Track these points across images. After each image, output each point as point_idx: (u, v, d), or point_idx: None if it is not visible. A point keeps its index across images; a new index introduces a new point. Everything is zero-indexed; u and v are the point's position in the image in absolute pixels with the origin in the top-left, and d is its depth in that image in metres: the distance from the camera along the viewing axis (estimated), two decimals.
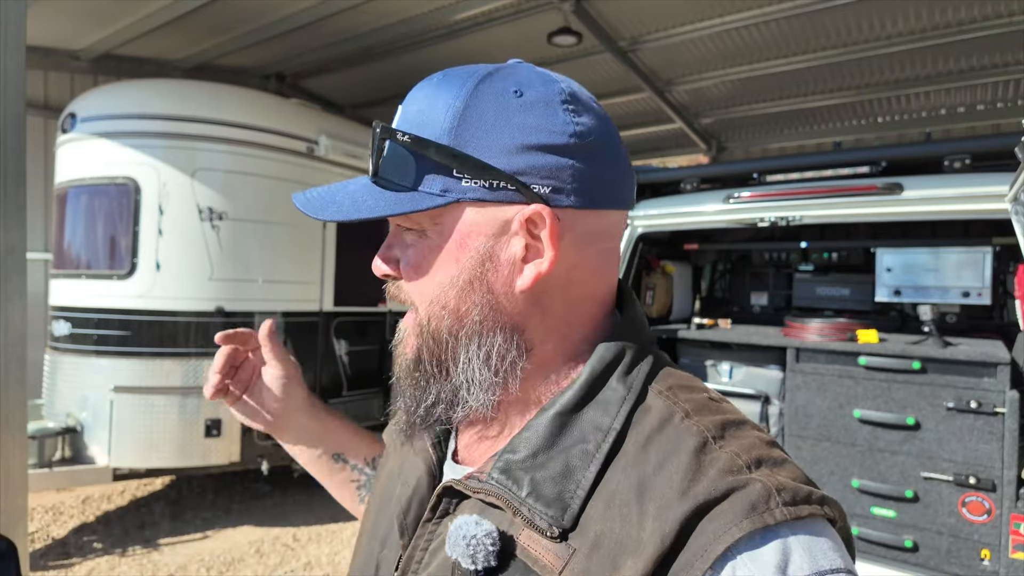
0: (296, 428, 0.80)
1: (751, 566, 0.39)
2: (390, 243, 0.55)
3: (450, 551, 0.47)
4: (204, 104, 4.24)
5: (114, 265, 4.16)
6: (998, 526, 2.16)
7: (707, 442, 0.45)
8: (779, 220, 2.74)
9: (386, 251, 0.55)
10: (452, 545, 0.47)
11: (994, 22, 4.12)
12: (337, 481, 0.83)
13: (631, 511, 0.43)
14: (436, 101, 0.51)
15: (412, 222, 0.52)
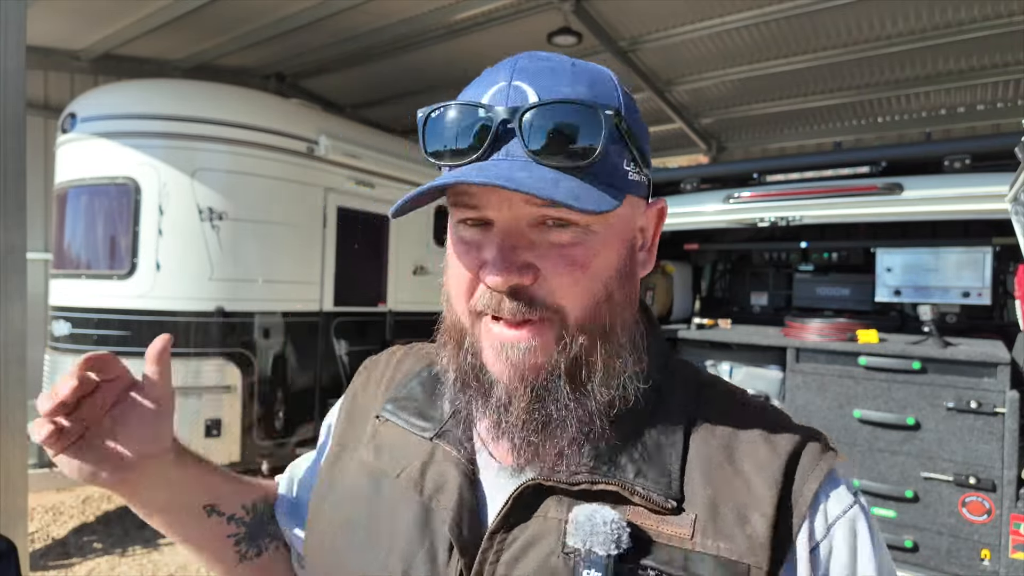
0: (155, 481, 0.60)
1: (834, 492, 0.52)
2: (512, 250, 0.48)
3: (581, 542, 0.47)
4: (204, 104, 4.24)
5: (114, 265, 4.16)
6: (998, 526, 2.16)
7: (765, 408, 0.57)
8: (779, 220, 2.74)
9: (509, 260, 0.47)
10: (586, 535, 0.47)
11: (994, 22, 4.12)
12: (208, 538, 0.66)
13: (728, 473, 0.50)
14: (600, 84, 0.50)
15: (582, 216, 0.47)
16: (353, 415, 0.70)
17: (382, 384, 0.69)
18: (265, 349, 4.38)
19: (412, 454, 0.58)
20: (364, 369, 0.74)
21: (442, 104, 0.50)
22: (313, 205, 4.65)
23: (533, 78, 0.48)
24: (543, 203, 0.46)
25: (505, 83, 0.49)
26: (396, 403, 0.64)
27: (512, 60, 0.51)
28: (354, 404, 0.71)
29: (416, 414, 0.61)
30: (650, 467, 0.50)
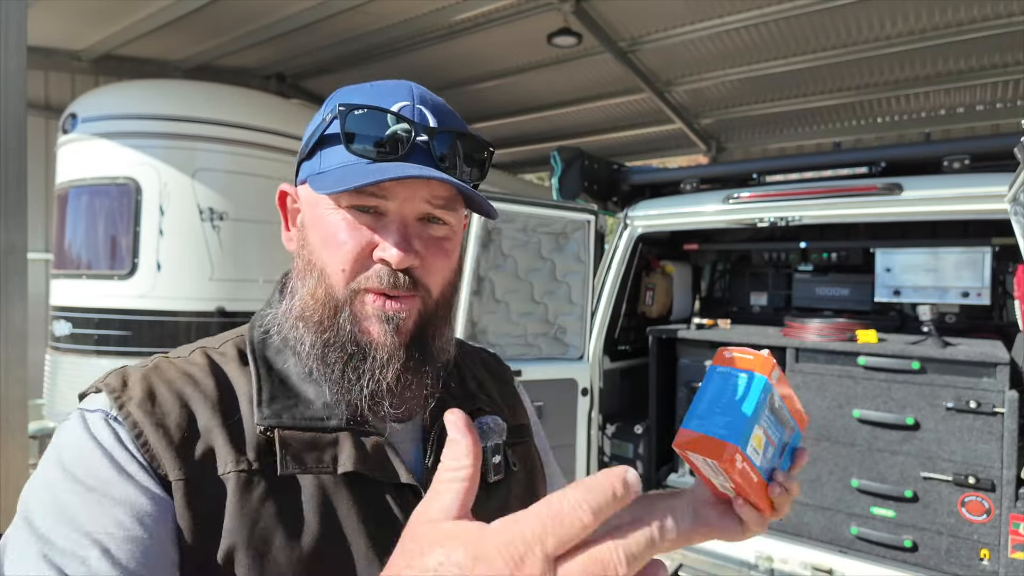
0: None
1: None
2: (409, 237, 0.59)
3: (484, 442, 0.67)
4: (205, 104, 4.25)
5: (115, 265, 4.17)
6: (997, 526, 2.17)
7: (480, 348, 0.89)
8: (779, 220, 2.75)
9: (409, 244, 0.58)
10: (486, 437, 0.68)
11: (994, 22, 4.13)
12: None
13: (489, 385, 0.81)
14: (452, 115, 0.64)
15: (455, 216, 0.62)
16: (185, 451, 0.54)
17: (203, 407, 0.57)
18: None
19: (327, 446, 0.58)
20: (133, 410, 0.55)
21: (369, 105, 0.59)
22: None
23: (431, 108, 0.61)
24: (434, 201, 0.59)
25: (410, 103, 0.60)
26: (275, 410, 0.58)
27: (407, 84, 0.62)
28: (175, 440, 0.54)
29: (305, 412, 0.59)
30: (481, 388, 0.76)
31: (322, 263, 0.60)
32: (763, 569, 2.56)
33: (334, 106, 0.59)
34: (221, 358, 0.63)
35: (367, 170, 0.56)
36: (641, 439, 3.08)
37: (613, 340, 3.28)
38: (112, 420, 0.55)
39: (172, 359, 0.62)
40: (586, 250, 2.97)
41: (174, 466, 0.53)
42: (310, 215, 0.62)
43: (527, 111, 6.43)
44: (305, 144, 0.62)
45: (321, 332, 0.60)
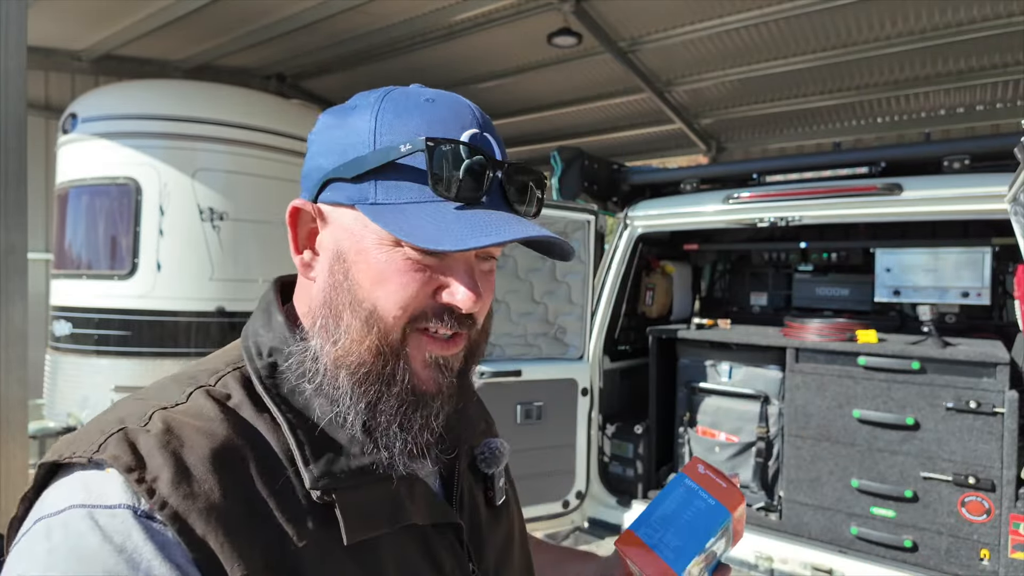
0: None
1: None
2: (476, 279, 0.54)
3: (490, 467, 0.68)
4: (205, 105, 4.25)
5: (115, 265, 4.17)
6: (997, 526, 2.17)
7: None
8: (778, 220, 2.75)
9: (477, 288, 0.54)
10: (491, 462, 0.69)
11: (993, 23, 4.13)
12: None
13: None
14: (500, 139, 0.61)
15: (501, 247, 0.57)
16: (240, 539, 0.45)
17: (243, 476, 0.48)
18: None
19: (382, 500, 0.54)
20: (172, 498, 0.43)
21: (453, 140, 0.52)
22: None
23: (492, 134, 0.57)
24: None
25: (478, 131, 0.54)
26: (322, 469, 0.51)
27: (466, 105, 0.57)
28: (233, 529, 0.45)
29: (350, 463, 0.53)
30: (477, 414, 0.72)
31: (373, 303, 0.52)
32: (763, 569, 2.56)
33: (410, 133, 0.52)
34: (230, 402, 0.53)
35: (469, 222, 0.50)
36: (641, 439, 3.08)
37: (613, 340, 3.28)
38: (143, 517, 0.42)
39: (175, 411, 0.50)
40: (586, 250, 2.97)
41: (234, 562, 0.43)
42: (353, 247, 0.53)
43: (527, 111, 6.43)
44: (349, 164, 0.52)
45: (371, 383, 0.52)
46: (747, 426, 2.87)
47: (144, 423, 0.47)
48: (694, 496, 0.70)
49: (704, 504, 0.69)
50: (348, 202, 0.53)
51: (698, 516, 0.68)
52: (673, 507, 0.69)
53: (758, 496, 2.82)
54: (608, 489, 3.08)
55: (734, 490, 0.70)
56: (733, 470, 2.91)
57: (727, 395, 2.97)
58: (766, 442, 2.81)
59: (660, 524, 0.68)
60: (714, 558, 0.71)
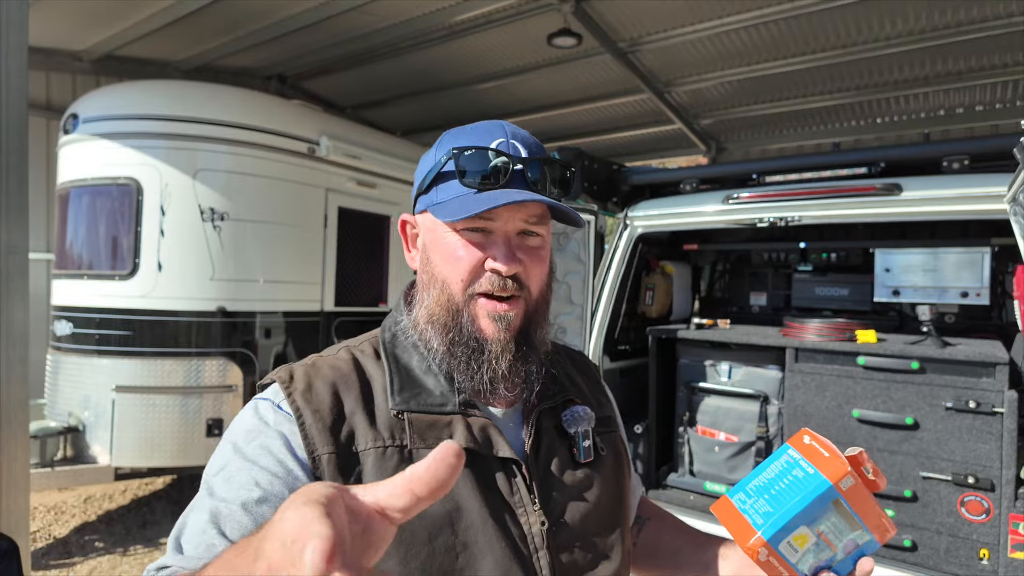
0: None
1: None
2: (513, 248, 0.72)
3: (574, 428, 0.80)
4: (206, 105, 4.26)
5: (116, 265, 4.17)
6: (997, 526, 2.17)
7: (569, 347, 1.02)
8: (778, 221, 2.75)
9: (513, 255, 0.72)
10: (575, 423, 0.80)
11: (993, 23, 4.13)
12: None
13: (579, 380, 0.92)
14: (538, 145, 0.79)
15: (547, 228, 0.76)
16: (334, 431, 0.69)
17: (349, 395, 0.72)
18: (267, 349, 4.39)
19: (445, 427, 0.72)
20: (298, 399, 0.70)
21: (475, 146, 0.73)
22: (314, 205, 4.66)
23: (521, 141, 0.75)
24: (530, 219, 0.73)
25: (505, 139, 0.74)
26: (404, 397, 0.73)
27: (500, 124, 0.77)
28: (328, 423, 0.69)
29: (427, 399, 0.73)
30: (571, 382, 0.87)
31: (443, 275, 0.74)
32: None
33: (447, 149, 0.73)
34: (361, 355, 0.77)
35: (478, 199, 0.70)
36: (641, 439, 3.08)
37: (613, 340, 3.29)
38: (277, 408, 0.70)
39: (324, 356, 0.77)
40: (586, 250, 2.97)
41: (325, 443, 0.67)
42: (430, 238, 0.76)
43: (527, 111, 6.44)
44: (422, 182, 0.76)
45: (447, 332, 0.73)
46: (747, 426, 2.88)
47: (304, 363, 0.75)
48: (793, 465, 0.68)
49: (800, 471, 0.66)
50: (424, 207, 0.76)
51: (793, 484, 0.66)
52: (771, 476, 0.68)
53: None
54: None
55: (837, 458, 0.66)
56: (733, 470, 2.92)
57: (727, 395, 2.97)
58: (766, 442, 2.82)
59: (755, 492, 0.67)
60: (846, 544, 0.65)
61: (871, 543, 0.67)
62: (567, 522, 0.73)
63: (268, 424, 0.68)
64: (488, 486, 0.70)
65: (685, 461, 3.06)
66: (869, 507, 0.66)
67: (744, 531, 0.64)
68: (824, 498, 0.64)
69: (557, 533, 0.72)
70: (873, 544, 0.67)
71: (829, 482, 0.64)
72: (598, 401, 0.89)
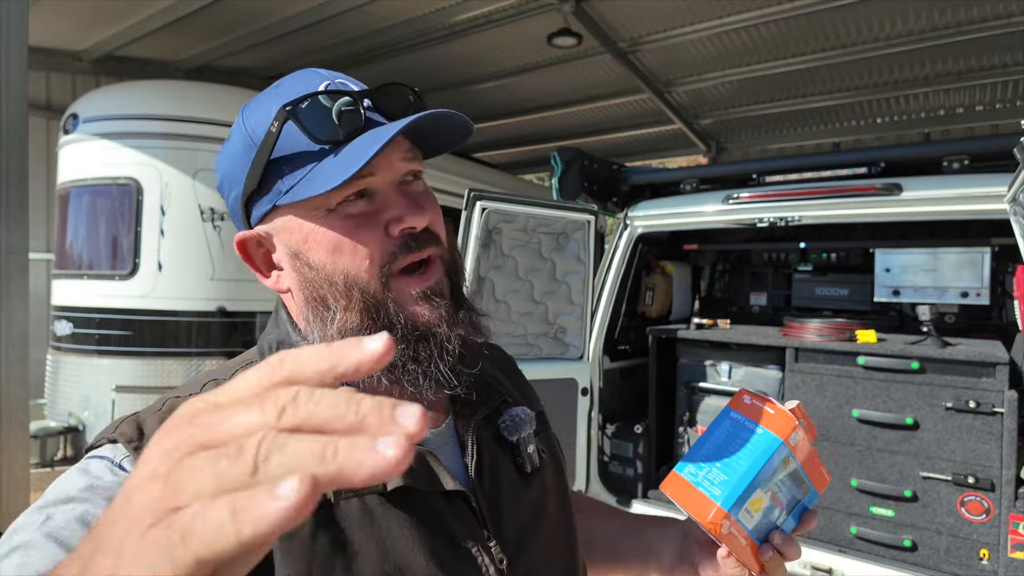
0: None
1: None
2: (411, 197, 0.57)
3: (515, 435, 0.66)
4: (206, 105, 4.26)
5: (116, 265, 4.17)
6: (997, 526, 2.17)
7: None
8: (778, 220, 2.75)
9: (417, 203, 0.57)
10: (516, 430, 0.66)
11: (993, 23, 4.13)
12: None
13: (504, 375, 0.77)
14: None
15: (421, 166, 0.60)
16: None
17: None
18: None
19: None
20: None
21: (306, 95, 0.55)
22: None
23: (346, 76, 0.59)
24: (407, 157, 0.58)
25: (330, 80, 0.58)
26: None
27: (307, 71, 0.60)
28: None
29: None
30: (495, 379, 0.72)
31: (343, 270, 0.56)
32: None
33: (271, 113, 0.55)
34: None
35: (350, 153, 0.53)
36: (641, 439, 3.08)
37: (613, 340, 3.29)
38: (117, 468, 0.50)
39: (185, 399, 0.55)
40: (586, 250, 2.97)
41: None
42: (299, 238, 0.57)
43: (527, 111, 6.44)
44: (250, 175, 0.56)
45: (371, 329, 0.56)
46: None
47: (157, 408, 0.55)
48: (739, 428, 0.63)
49: (750, 434, 0.62)
50: (270, 206, 0.57)
51: (744, 447, 0.61)
52: (717, 442, 0.63)
53: None
54: (608, 488, 3.09)
55: (783, 414, 0.62)
56: None
57: (727, 395, 2.97)
58: None
59: (705, 461, 0.62)
60: (789, 500, 0.63)
61: (811, 495, 0.65)
62: (524, 548, 0.62)
63: (97, 488, 0.48)
64: (433, 532, 0.56)
65: None
66: (813, 460, 0.65)
67: (701, 505, 0.60)
68: (776, 456, 0.61)
69: (515, 565, 0.60)
70: (813, 495, 0.65)
71: (780, 439, 0.61)
72: (526, 396, 0.76)
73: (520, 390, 0.77)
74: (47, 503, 0.47)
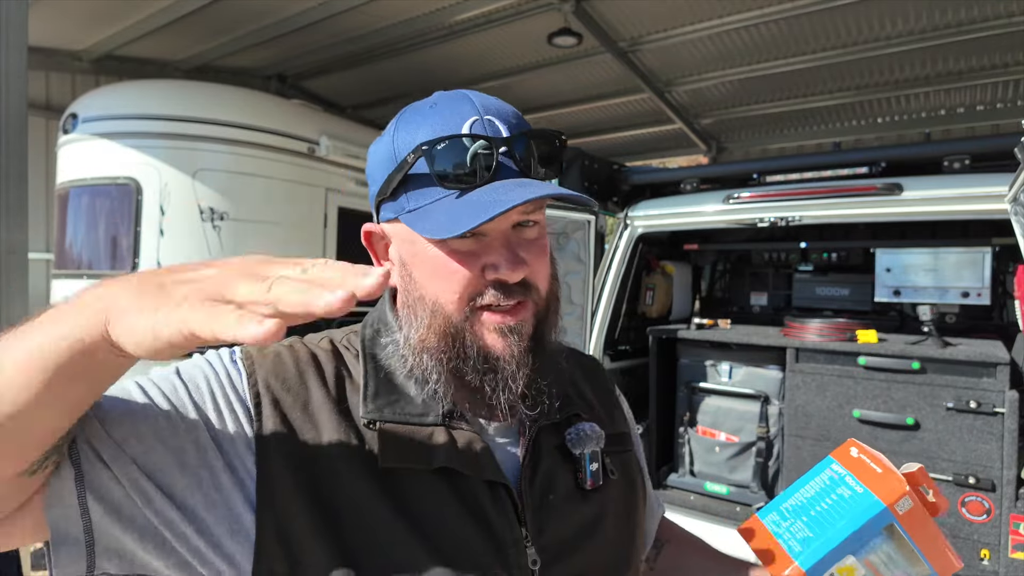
0: None
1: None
2: (514, 248, 0.60)
3: (580, 448, 0.68)
4: (205, 105, 4.25)
5: (116, 265, 4.17)
6: (997, 526, 2.17)
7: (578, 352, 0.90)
8: (779, 220, 2.75)
9: (517, 257, 0.59)
10: (582, 443, 0.69)
11: (994, 23, 4.13)
12: None
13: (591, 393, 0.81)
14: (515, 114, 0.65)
15: (542, 213, 0.64)
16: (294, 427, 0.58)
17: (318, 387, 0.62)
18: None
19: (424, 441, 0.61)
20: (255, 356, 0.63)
21: (446, 137, 0.58)
22: (314, 205, 4.66)
23: (496, 114, 0.61)
24: (526, 208, 0.60)
25: (478, 117, 0.60)
26: (378, 404, 0.61)
27: (465, 96, 0.62)
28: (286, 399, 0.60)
29: (405, 408, 0.62)
30: (579, 393, 0.75)
31: (434, 295, 0.61)
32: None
33: (411, 143, 0.59)
34: (344, 350, 0.68)
35: (469, 205, 0.56)
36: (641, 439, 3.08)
37: (613, 340, 3.28)
38: (230, 359, 0.61)
39: (305, 341, 0.68)
40: (586, 250, 2.97)
41: (273, 415, 0.57)
42: (408, 252, 0.63)
43: (527, 111, 6.43)
44: (384, 185, 0.62)
45: (447, 361, 0.61)
46: (747, 426, 2.88)
47: (282, 342, 0.65)
48: (837, 482, 0.57)
49: (849, 491, 0.55)
50: (395, 216, 0.63)
51: (839, 505, 0.55)
52: (811, 494, 0.57)
53: (758, 496, 2.82)
54: None
55: (892, 476, 0.55)
56: (734, 470, 2.92)
57: (727, 395, 2.97)
58: (766, 442, 2.81)
59: (792, 512, 0.57)
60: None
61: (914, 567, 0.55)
62: (562, 561, 0.62)
63: (213, 364, 0.60)
64: (468, 515, 0.58)
65: (686, 461, 3.05)
66: (930, 534, 0.55)
67: (778, 559, 0.55)
68: (876, 523, 0.53)
69: (550, 573, 0.60)
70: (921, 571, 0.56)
71: (882, 504, 0.54)
72: (610, 415, 0.77)
73: (604, 408, 0.78)
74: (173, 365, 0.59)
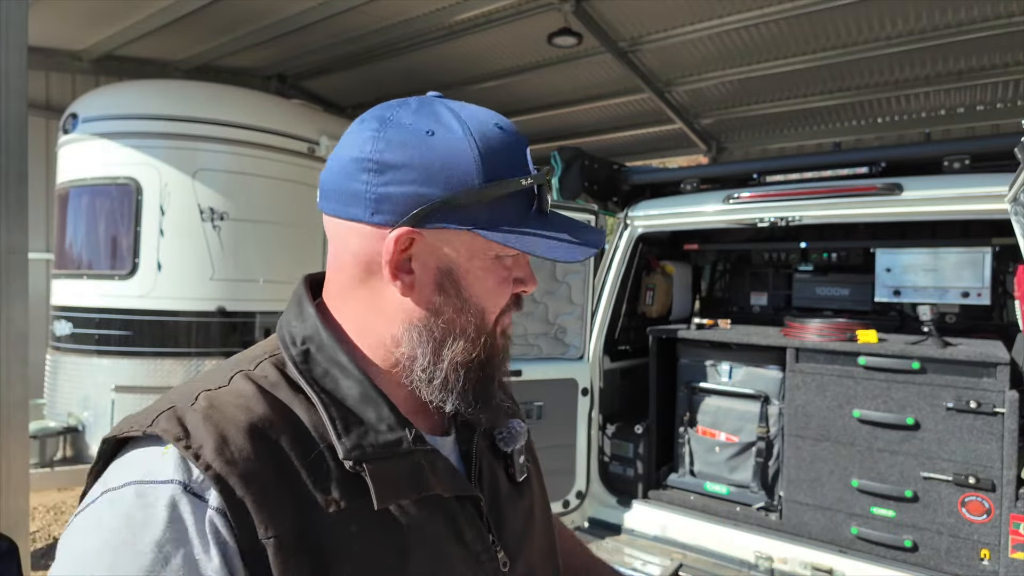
0: None
1: None
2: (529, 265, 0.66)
3: (509, 445, 0.71)
4: (205, 105, 4.26)
5: (115, 265, 4.17)
6: (997, 526, 2.17)
7: None
8: (779, 220, 2.75)
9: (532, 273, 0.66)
10: (511, 440, 0.72)
11: (994, 23, 4.13)
12: None
13: None
14: None
15: None
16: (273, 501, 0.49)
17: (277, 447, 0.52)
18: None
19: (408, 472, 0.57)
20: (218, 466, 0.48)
21: (537, 176, 0.61)
22: (314, 205, 4.66)
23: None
24: None
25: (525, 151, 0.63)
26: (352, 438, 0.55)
27: (516, 133, 0.64)
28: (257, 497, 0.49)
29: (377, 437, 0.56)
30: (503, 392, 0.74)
31: (482, 306, 0.61)
32: (763, 569, 2.56)
33: (510, 169, 0.58)
34: (267, 384, 0.56)
35: (550, 225, 0.60)
36: (641, 439, 3.08)
37: (613, 340, 3.28)
38: (192, 495, 0.47)
39: (217, 392, 0.54)
40: None
41: (267, 523, 0.48)
42: (464, 266, 0.59)
43: (527, 111, 6.43)
44: (464, 193, 0.55)
45: (479, 367, 0.62)
46: (747, 426, 2.88)
47: (191, 402, 0.53)
48: None
49: None
50: (460, 226, 0.56)
51: None
52: None
53: (758, 496, 2.82)
54: (608, 489, 3.09)
55: None
56: (734, 470, 2.92)
57: (727, 395, 2.97)
58: (766, 442, 2.81)
59: None
60: None
61: None
62: (521, 554, 0.67)
63: (188, 527, 0.46)
64: (454, 533, 0.60)
65: (686, 461, 3.05)
66: None
67: None
68: None
69: (514, 569, 0.65)
70: None
71: None
72: (512, 404, 0.80)
73: (511, 400, 0.80)
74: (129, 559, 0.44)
